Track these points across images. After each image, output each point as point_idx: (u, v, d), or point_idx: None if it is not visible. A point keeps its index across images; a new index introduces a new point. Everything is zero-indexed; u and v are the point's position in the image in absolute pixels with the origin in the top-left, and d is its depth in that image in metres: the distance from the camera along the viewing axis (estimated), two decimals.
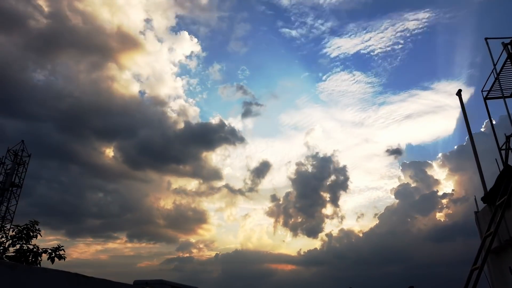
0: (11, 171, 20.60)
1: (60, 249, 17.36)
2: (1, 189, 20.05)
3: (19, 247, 17.23)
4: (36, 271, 6.90)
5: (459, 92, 13.00)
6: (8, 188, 20.26)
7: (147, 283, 15.28)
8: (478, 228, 10.82)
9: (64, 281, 7.20)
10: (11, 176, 20.53)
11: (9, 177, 20.50)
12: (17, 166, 20.89)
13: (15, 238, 17.44)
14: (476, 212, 11.08)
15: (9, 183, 20.33)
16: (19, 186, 20.62)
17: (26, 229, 17.50)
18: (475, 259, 9.11)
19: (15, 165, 20.79)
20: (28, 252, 17.03)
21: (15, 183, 20.59)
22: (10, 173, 20.56)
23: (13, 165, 20.77)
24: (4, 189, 20.06)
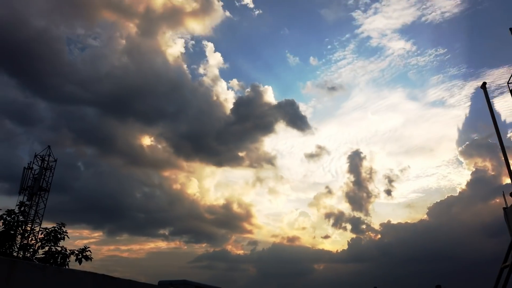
0: (38, 176, 21.23)
1: (86, 250, 17.83)
2: (30, 193, 20.70)
3: (48, 249, 17.79)
4: (65, 272, 7.09)
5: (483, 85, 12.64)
6: (37, 192, 20.90)
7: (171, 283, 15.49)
8: (508, 224, 10.48)
9: (91, 281, 7.37)
10: (39, 181, 21.17)
11: (37, 182, 21.14)
12: (44, 170, 21.53)
13: (44, 241, 18.01)
14: (505, 208, 10.74)
15: (37, 188, 20.97)
16: (47, 190, 21.24)
17: (54, 231, 18.04)
18: (505, 256, 8.84)
19: (42, 170, 21.42)
20: (57, 254, 17.54)
21: (42, 187, 21.21)
22: (38, 178, 21.20)
23: (41, 169, 21.41)
24: (32, 193, 20.72)
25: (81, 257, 17.56)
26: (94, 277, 7.46)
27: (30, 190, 20.72)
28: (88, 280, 7.31)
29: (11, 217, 17.11)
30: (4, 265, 5.57)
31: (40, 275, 6.23)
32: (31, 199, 20.53)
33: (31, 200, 20.50)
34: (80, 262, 17.45)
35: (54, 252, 17.61)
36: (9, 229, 16.93)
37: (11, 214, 17.21)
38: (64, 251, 17.73)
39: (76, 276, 7.12)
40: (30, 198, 20.50)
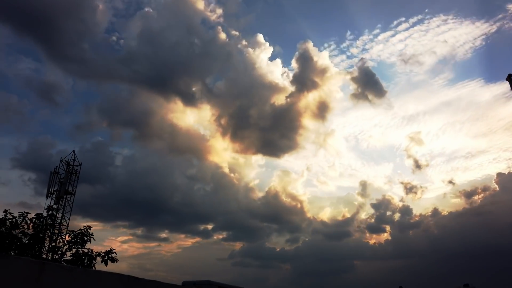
0: (64, 180, 21.82)
1: (112, 252, 18.24)
2: (56, 197, 21.31)
3: (75, 251, 18.28)
4: (92, 274, 7.28)
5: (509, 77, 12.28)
6: (63, 196, 21.49)
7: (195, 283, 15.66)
8: None
9: (117, 282, 7.54)
10: (65, 185, 21.75)
11: (63, 186, 21.72)
12: (70, 175, 22.11)
13: (71, 243, 18.51)
14: None
15: (63, 192, 21.57)
16: (73, 194, 21.81)
17: (80, 234, 18.53)
18: None
19: (68, 174, 22.00)
20: (84, 256, 18.01)
21: (68, 191, 21.79)
22: (64, 182, 21.79)
23: (66, 174, 22.00)
24: (59, 197, 21.32)
25: (107, 259, 17.97)
26: (120, 278, 7.64)
27: (57, 194, 21.34)
28: (114, 280, 7.49)
29: (40, 221, 17.65)
30: (34, 266, 5.78)
31: (68, 276, 6.43)
32: (58, 202, 21.14)
33: (58, 204, 21.10)
34: (106, 263, 17.86)
35: (81, 254, 18.08)
36: (38, 232, 17.47)
37: (39, 217, 17.75)
38: (91, 253, 18.18)
39: (102, 277, 7.31)
40: (57, 202, 21.12)
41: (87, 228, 18.84)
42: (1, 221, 15.98)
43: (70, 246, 18.50)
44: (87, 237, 18.65)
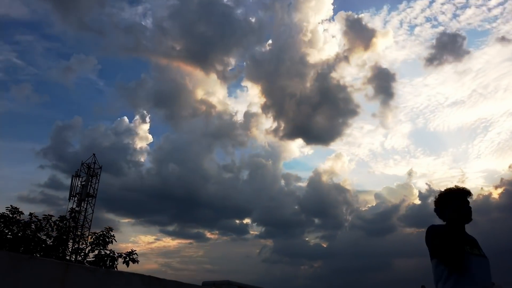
0: (86, 183, 22.31)
1: (133, 254, 18.58)
2: (78, 200, 21.81)
3: (98, 253, 18.69)
4: (114, 275, 7.42)
5: None
6: (85, 198, 21.98)
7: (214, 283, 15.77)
8: None
9: (139, 283, 7.66)
10: (86, 187, 22.24)
11: (85, 188, 22.22)
12: (91, 178, 22.59)
13: (94, 245, 18.92)
14: None
15: (85, 194, 22.06)
16: (94, 196, 22.29)
17: (102, 236, 18.92)
18: None
19: (89, 177, 22.48)
20: (106, 257, 18.38)
21: (89, 193, 22.27)
22: (85, 185, 22.28)
23: (87, 177, 22.49)
24: (81, 200, 21.81)
25: (129, 260, 18.30)
26: (141, 278, 7.76)
27: (78, 196, 21.85)
28: (136, 281, 7.61)
29: (63, 223, 18.10)
30: (59, 268, 5.93)
31: (92, 277, 6.57)
32: (80, 205, 21.63)
33: (80, 206, 21.60)
34: (128, 264, 18.19)
35: (103, 255, 18.46)
36: (62, 234, 17.91)
37: (63, 220, 18.20)
38: (112, 254, 18.54)
39: (125, 278, 7.43)
40: (79, 204, 21.62)
41: (108, 230, 19.22)
42: (26, 223, 16.45)
43: (92, 247, 18.91)
44: (109, 238, 19.02)
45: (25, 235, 16.21)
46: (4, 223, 15.63)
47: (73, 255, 19.18)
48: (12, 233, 16.01)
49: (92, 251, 18.98)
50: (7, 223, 15.73)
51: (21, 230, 16.25)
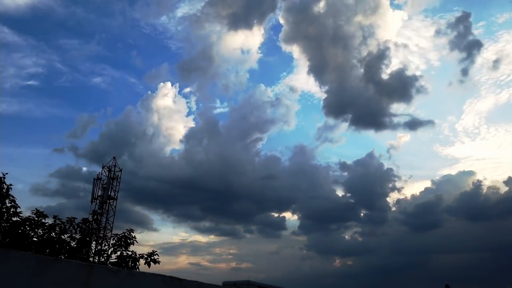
0: (107, 186, 22.75)
1: (154, 254, 18.82)
2: (100, 202, 22.26)
3: (120, 254, 19.01)
4: (136, 275, 7.57)
5: None
6: (106, 201, 22.42)
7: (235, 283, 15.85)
8: None
9: (160, 283, 7.80)
10: (107, 190, 22.68)
11: (106, 191, 22.66)
12: (112, 180, 23.01)
13: (116, 246, 19.27)
14: None
15: (106, 197, 22.50)
16: (115, 198, 22.69)
17: (124, 237, 19.25)
18: None
19: (110, 180, 22.91)
20: (128, 258, 18.69)
21: (111, 196, 22.69)
22: (106, 188, 22.72)
23: (108, 180, 22.92)
24: (103, 202, 22.26)
25: (150, 261, 18.55)
26: (162, 279, 7.89)
27: (100, 199, 22.31)
28: (157, 281, 7.74)
29: (86, 225, 18.48)
30: (84, 269, 6.10)
31: (115, 278, 6.72)
32: (102, 207, 22.09)
33: (102, 209, 22.05)
34: (149, 265, 18.45)
35: (125, 256, 18.78)
36: (85, 236, 18.30)
37: (86, 222, 18.59)
38: (134, 255, 18.84)
39: (146, 278, 7.58)
40: (101, 207, 22.08)
41: (130, 231, 19.54)
42: (51, 226, 16.87)
43: (115, 249, 19.26)
44: (130, 239, 19.33)
45: (50, 238, 16.62)
46: (29, 226, 16.07)
47: (96, 256, 19.57)
48: (37, 236, 16.44)
49: (114, 252, 19.33)
50: (32, 226, 16.17)
51: (46, 232, 16.68)
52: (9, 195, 15.50)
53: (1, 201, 15.28)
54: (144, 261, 18.68)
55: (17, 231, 15.51)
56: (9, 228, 15.41)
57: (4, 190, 15.40)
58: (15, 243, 14.93)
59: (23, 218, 15.90)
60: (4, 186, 15.41)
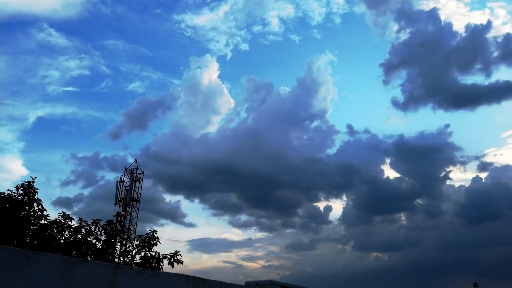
0: (130, 188, 23.17)
1: (177, 255, 19.09)
2: (124, 204, 22.70)
3: (144, 255, 19.36)
4: (161, 275, 7.70)
5: None
6: (129, 203, 22.84)
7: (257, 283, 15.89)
8: None
9: (184, 283, 7.90)
10: (130, 192, 23.10)
11: (129, 193, 23.09)
12: (134, 183, 23.43)
13: (140, 247, 19.63)
14: None
15: (129, 199, 22.93)
16: (138, 200, 23.11)
17: (147, 238, 19.59)
18: None
19: (132, 182, 23.33)
20: (151, 259, 19.02)
21: (133, 198, 23.11)
22: (129, 190, 23.15)
23: (131, 182, 23.34)
24: (126, 204, 22.70)
25: (173, 261, 18.83)
26: (186, 279, 7.99)
27: (123, 201, 22.76)
28: (181, 281, 7.85)
29: (110, 227, 18.89)
30: (110, 270, 6.25)
31: (139, 278, 6.86)
32: (125, 209, 22.53)
33: (125, 210, 22.49)
34: (173, 265, 18.72)
35: (149, 257, 19.11)
36: (110, 237, 18.71)
37: (110, 224, 19.01)
38: (158, 256, 19.16)
39: (170, 278, 7.70)
40: (125, 209, 22.53)
41: (153, 233, 19.87)
42: (77, 228, 17.33)
43: (139, 250, 19.62)
44: (153, 240, 19.65)
45: (76, 240, 17.07)
46: (56, 228, 16.54)
47: (121, 257, 19.98)
48: (64, 238, 16.92)
49: (138, 253, 19.69)
50: (59, 229, 16.64)
51: (72, 234, 17.14)
52: (36, 199, 16.00)
53: (29, 205, 15.78)
54: (168, 261, 18.98)
55: (45, 233, 15.99)
56: (37, 230, 15.90)
57: (31, 194, 15.91)
58: (44, 245, 15.40)
59: (50, 221, 16.39)
60: (31, 191, 15.92)
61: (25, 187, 15.77)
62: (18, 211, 15.13)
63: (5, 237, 14.30)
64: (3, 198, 14.86)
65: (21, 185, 15.72)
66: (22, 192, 15.65)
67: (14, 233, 14.78)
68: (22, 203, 15.43)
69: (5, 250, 4.89)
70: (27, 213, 15.62)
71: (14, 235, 14.84)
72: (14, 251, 5.01)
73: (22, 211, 15.38)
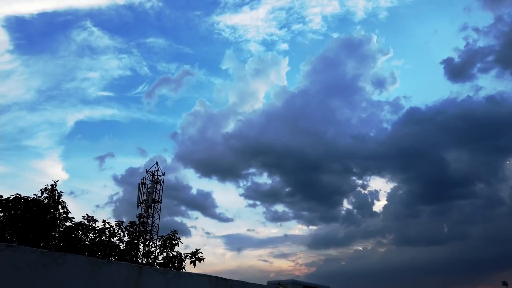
0: (151, 190, 23.54)
1: (198, 253, 19.27)
2: (146, 206, 23.08)
3: (166, 255, 19.61)
4: (183, 276, 7.79)
5: None
6: (151, 204, 23.21)
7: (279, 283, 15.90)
8: None
9: (206, 283, 7.97)
10: (151, 194, 23.46)
11: (150, 195, 23.46)
12: (155, 184, 23.78)
13: (162, 247, 19.90)
14: None
15: (151, 200, 23.30)
16: (159, 201, 23.45)
17: (168, 238, 19.84)
18: None
19: (154, 184, 23.69)
20: (173, 259, 19.25)
21: (155, 199, 23.46)
22: (150, 191, 23.51)
23: (152, 184, 23.71)
24: (148, 206, 23.06)
25: (195, 260, 19.00)
26: (208, 279, 8.07)
27: (145, 203, 23.15)
28: (203, 281, 7.93)
29: (133, 228, 19.23)
30: (134, 270, 6.37)
31: (163, 278, 6.96)
32: (147, 211, 22.91)
33: (148, 212, 22.87)
34: (195, 264, 18.91)
35: (171, 257, 19.34)
36: (133, 238, 19.03)
37: (133, 225, 19.35)
38: (179, 255, 19.38)
39: (193, 278, 7.78)
40: (147, 210, 22.90)
41: (174, 233, 20.11)
42: (101, 230, 17.69)
43: (161, 250, 19.88)
44: (175, 241, 19.88)
45: (101, 241, 17.43)
46: (81, 230, 16.94)
47: (144, 258, 20.30)
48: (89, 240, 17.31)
49: (161, 253, 19.96)
50: (84, 231, 17.04)
51: (96, 236, 17.51)
52: (61, 201, 16.43)
53: (54, 207, 16.21)
54: (190, 260, 19.17)
55: (71, 235, 16.40)
56: (63, 233, 16.33)
57: (56, 197, 16.33)
58: (69, 247, 15.80)
59: (75, 224, 16.80)
60: (56, 194, 16.34)
61: (49, 190, 16.20)
62: (44, 214, 15.55)
63: (33, 239, 14.74)
64: (30, 202, 15.30)
65: (45, 189, 16.15)
66: (47, 196, 16.09)
67: (41, 235, 15.21)
68: (48, 206, 15.85)
69: (34, 252, 5.05)
70: (52, 215, 16.04)
71: (41, 237, 15.27)
72: (43, 253, 5.16)
73: (48, 214, 15.80)
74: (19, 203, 14.95)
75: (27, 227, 14.70)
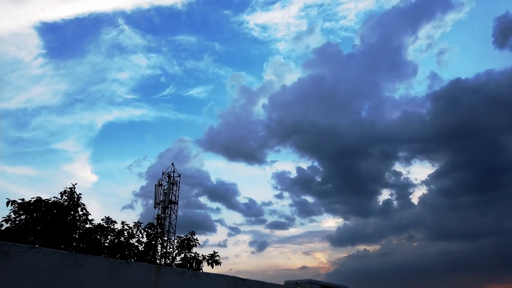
0: (167, 191, 23.78)
1: (215, 256, 19.36)
2: (163, 207, 23.32)
3: (184, 256, 19.78)
4: (201, 276, 7.84)
5: None
6: (168, 205, 23.43)
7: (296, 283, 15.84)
8: None
9: (224, 283, 8.01)
10: (168, 195, 23.70)
11: (167, 196, 23.70)
12: (172, 186, 24.01)
13: (179, 248, 20.07)
14: None
15: (167, 201, 23.53)
16: (176, 202, 23.66)
17: (186, 239, 20.00)
18: None
19: (170, 185, 23.91)
20: (191, 260, 19.40)
21: (171, 200, 23.68)
22: (167, 193, 23.75)
23: (168, 185, 23.94)
24: (165, 207, 23.30)
25: (212, 262, 19.11)
26: (226, 279, 8.11)
27: (162, 204, 23.40)
28: (221, 281, 7.97)
29: (151, 229, 19.44)
30: (153, 271, 6.44)
31: (181, 278, 7.02)
32: (165, 212, 23.15)
33: (164, 213, 23.11)
34: (212, 266, 19.01)
35: (189, 258, 19.50)
36: (151, 240, 19.25)
37: (151, 227, 19.57)
38: (197, 256, 19.52)
39: (210, 279, 7.82)
40: (164, 211, 23.14)
41: (191, 235, 20.26)
42: (120, 231, 17.95)
43: (179, 251, 20.07)
44: (192, 242, 20.03)
45: (120, 242, 17.69)
46: (101, 232, 17.22)
47: (162, 259, 20.51)
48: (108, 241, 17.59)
49: (178, 254, 20.14)
50: (104, 232, 17.32)
51: (115, 238, 17.78)
52: (80, 204, 16.73)
53: (74, 210, 16.52)
54: (207, 262, 19.29)
55: (90, 237, 16.68)
56: (83, 234, 16.63)
57: (75, 199, 16.64)
58: (89, 248, 16.08)
59: (95, 225, 17.10)
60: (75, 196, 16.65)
61: (68, 193, 16.51)
62: (65, 216, 15.86)
63: (53, 241, 15.05)
64: (50, 204, 15.63)
65: (64, 191, 16.47)
66: (66, 198, 16.40)
67: (61, 237, 15.52)
68: (68, 208, 16.17)
69: (56, 254, 5.16)
70: (72, 217, 16.35)
71: (62, 239, 15.58)
72: (64, 254, 5.28)
73: (68, 216, 16.11)
74: (40, 206, 15.28)
75: (48, 229, 15.02)
